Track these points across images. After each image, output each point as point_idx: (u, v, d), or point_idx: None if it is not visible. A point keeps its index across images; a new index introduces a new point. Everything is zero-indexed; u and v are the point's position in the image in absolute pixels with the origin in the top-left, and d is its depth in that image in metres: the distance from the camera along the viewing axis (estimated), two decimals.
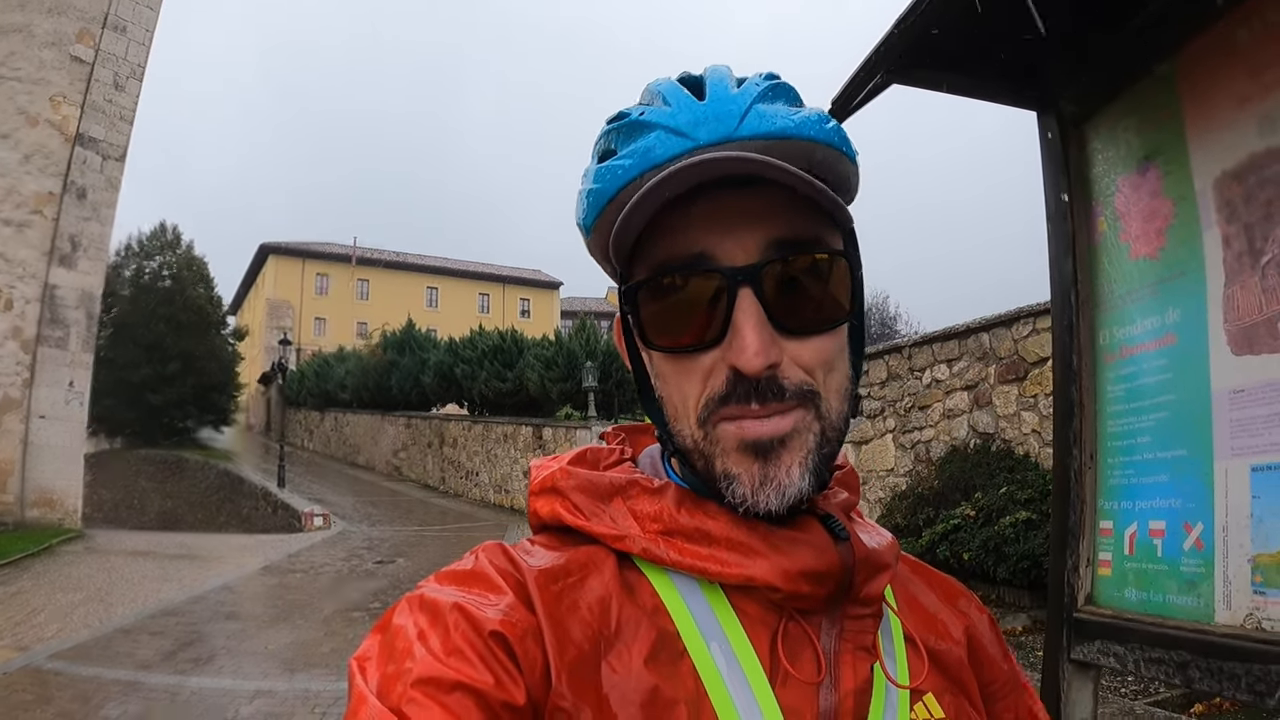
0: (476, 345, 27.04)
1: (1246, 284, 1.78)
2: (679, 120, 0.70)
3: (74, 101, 16.30)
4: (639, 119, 0.72)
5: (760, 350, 0.65)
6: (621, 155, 0.72)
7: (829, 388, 0.69)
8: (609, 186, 0.72)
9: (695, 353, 0.69)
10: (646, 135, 0.71)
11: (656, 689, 0.64)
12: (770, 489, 0.66)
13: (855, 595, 0.71)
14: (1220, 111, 1.87)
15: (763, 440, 0.66)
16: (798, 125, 0.70)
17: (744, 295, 0.66)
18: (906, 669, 0.74)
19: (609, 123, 0.75)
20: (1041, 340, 8.96)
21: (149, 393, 33.72)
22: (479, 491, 23.69)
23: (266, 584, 11.93)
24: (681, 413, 0.71)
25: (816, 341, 0.69)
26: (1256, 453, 1.76)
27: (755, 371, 0.65)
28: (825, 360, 0.69)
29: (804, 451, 0.67)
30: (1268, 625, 1.72)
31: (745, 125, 0.69)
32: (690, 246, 0.68)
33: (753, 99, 0.71)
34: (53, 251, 15.97)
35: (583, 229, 0.77)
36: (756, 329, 0.65)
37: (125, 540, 16.02)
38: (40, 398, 15.86)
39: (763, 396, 0.66)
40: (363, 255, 59.14)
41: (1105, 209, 2.24)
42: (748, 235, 0.67)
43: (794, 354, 0.67)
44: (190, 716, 6.02)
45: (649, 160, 0.69)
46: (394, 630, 0.65)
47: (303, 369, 40.88)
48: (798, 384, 0.67)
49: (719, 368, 0.67)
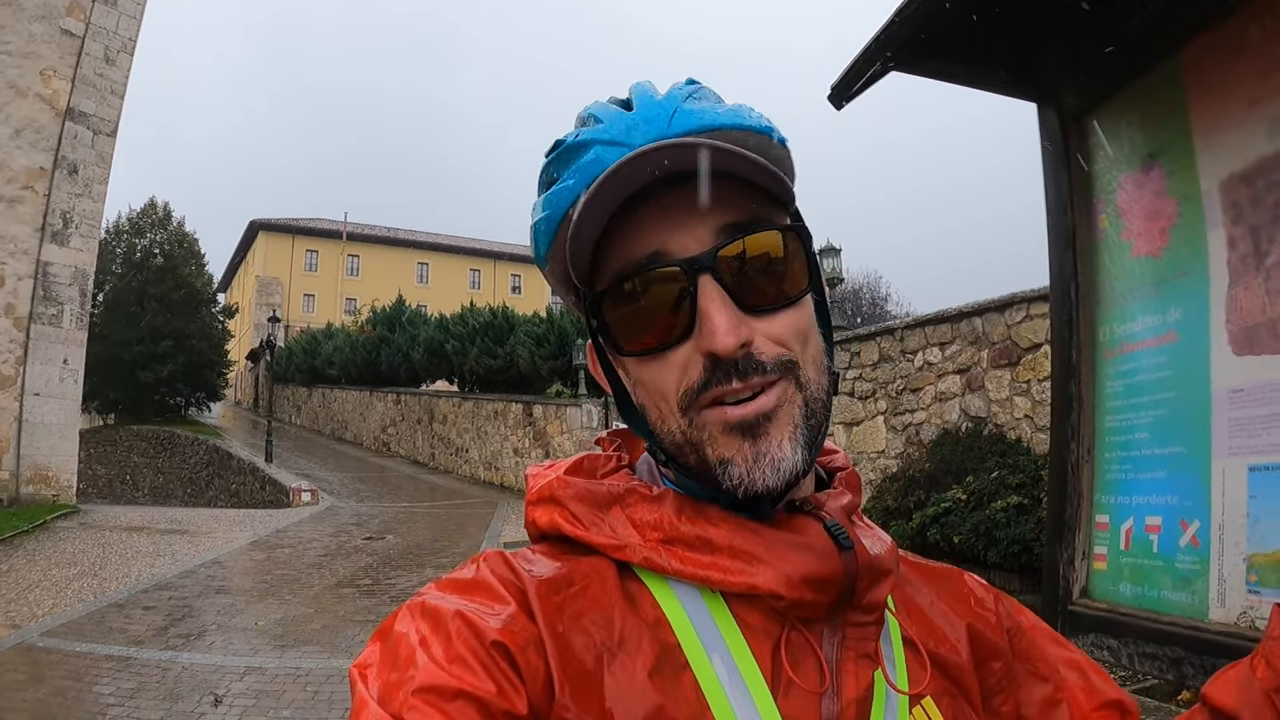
0: (468, 322, 26.95)
1: (1250, 285, 1.79)
2: (613, 132, 0.72)
3: (64, 75, 16.08)
4: (575, 142, 0.74)
5: (730, 329, 0.66)
6: (564, 177, 0.73)
7: (806, 358, 0.70)
8: (557, 209, 0.73)
9: (667, 350, 0.69)
10: (585, 153, 0.72)
11: (659, 703, 0.64)
12: (765, 465, 0.67)
13: (858, 602, 0.71)
14: (1229, 112, 1.86)
15: (748, 419, 0.67)
16: (725, 116, 0.73)
17: (704, 283, 0.67)
18: (906, 675, 0.74)
19: (547, 155, 0.77)
20: (1035, 326, 8.98)
21: (140, 370, 33.77)
22: (469, 468, 23.71)
23: (255, 559, 11.94)
24: (665, 410, 0.71)
25: (785, 316, 0.70)
26: (1254, 453, 1.77)
27: (729, 350, 0.66)
28: (799, 332, 0.70)
29: (791, 425, 0.68)
30: (1261, 624, 1.73)
31: (676, 123, 0.71)
32: (644, 248, 0.69)
33: (679, 101, 0.73)
34: (44, 228, 15.82)
35: (540, 261, 0.78)
36: (723, 310, 0.66)
37: (119, 515, 15.98)
38: (34, 375, 15.77)
39: (743, 374, 0.67)
40: (353, 231, 58.80)
41: (1107, 205, 2.23)
42: (698, 226, 0.69)
43: (765, 330, 0.68)
44: (182, 693, 6.04)
45: (591, 174, 0.70)
46: (395, 637, 0.65)
47: (291, 346, 40.70)
48: (775, 357, 0.68)
49: (693, 360, 0.68)
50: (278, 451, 25.10)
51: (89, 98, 16.53)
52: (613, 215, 0.68)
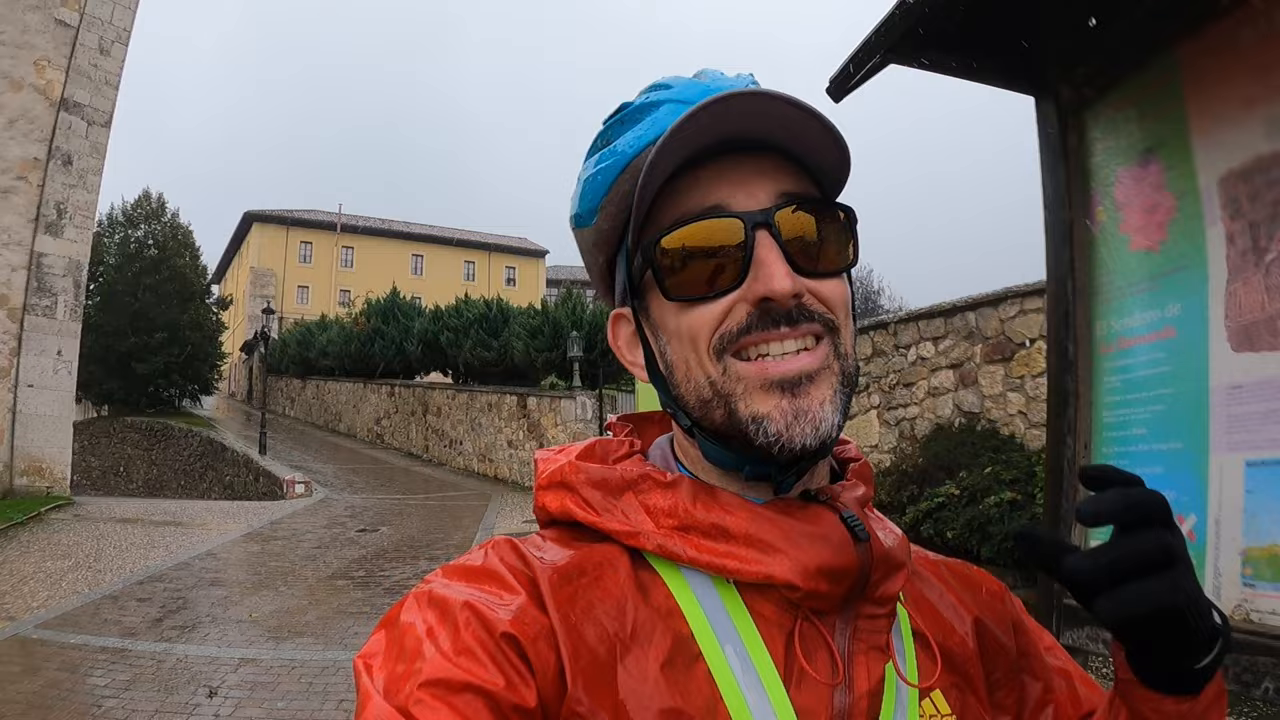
0: (462, 314, 26.94)
1: (1249, 281, 1.79)
2: (686, 94, 0.73)
3: (58, 66, 15.96)
4: (643, 101, 0.75)
5: (788, 274, 0.67)
6: (625, 137, 0.74)
7: (845, 327, 0.72)
8: (622, 157, 0.73)
9: (715, 298, 0.69)
10: (654, 112, 0.73)
11: (673, 695, 0.63)
12: (805, 423, 0.66)
13: (871, 594, 0.71)
14: (1226, 110, 1.86)
15: (789, 376, 0.67)
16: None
17: (761, 236, 0.68)
18: (916, 667, 0.74)
19: (608, 119, 0.77)
20: (1029, 321, 8.98)
21: (134, 361, 33.67)
22: (463, 460, 23.68)
23: (249, 551, 11.90)
24: (694, 361, 0.71)
25: (832, 283, 0.71)
26: (1252, 448, 1.77)
27: (785, 292, 0.66)
28: (843, 301, 0.72)
29: (830, 389, 0.68)
30: (1256, 617, 1.74)
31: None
32: (704, 200, 0.70)
33: (749, 80, 0.75)
34: (38, 219, 15.73)
35: (586, 213, 0.78)
36: (781, 259, 0.67)
37: (113, 507, 15.94)
38: (28, 366, 15.71)
39: (794, 320, 0.68)
40: (348, 223, 58.61)
41: (1105, 199, 2.23)
42: (758, 187, 0.70)
43: (814, 289, 0.69)
44: (177, 685, 6.01)
45: (660, 127, 0.71)
46: (402, 627, 0.64)
47: (285, 337, 40.60)
48: (822, 310, 0.69)
49: (738, 308, 0.68)
50: (272, 443, 25.06)
51: (83, 88, 16.42)
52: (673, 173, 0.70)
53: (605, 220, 0.76)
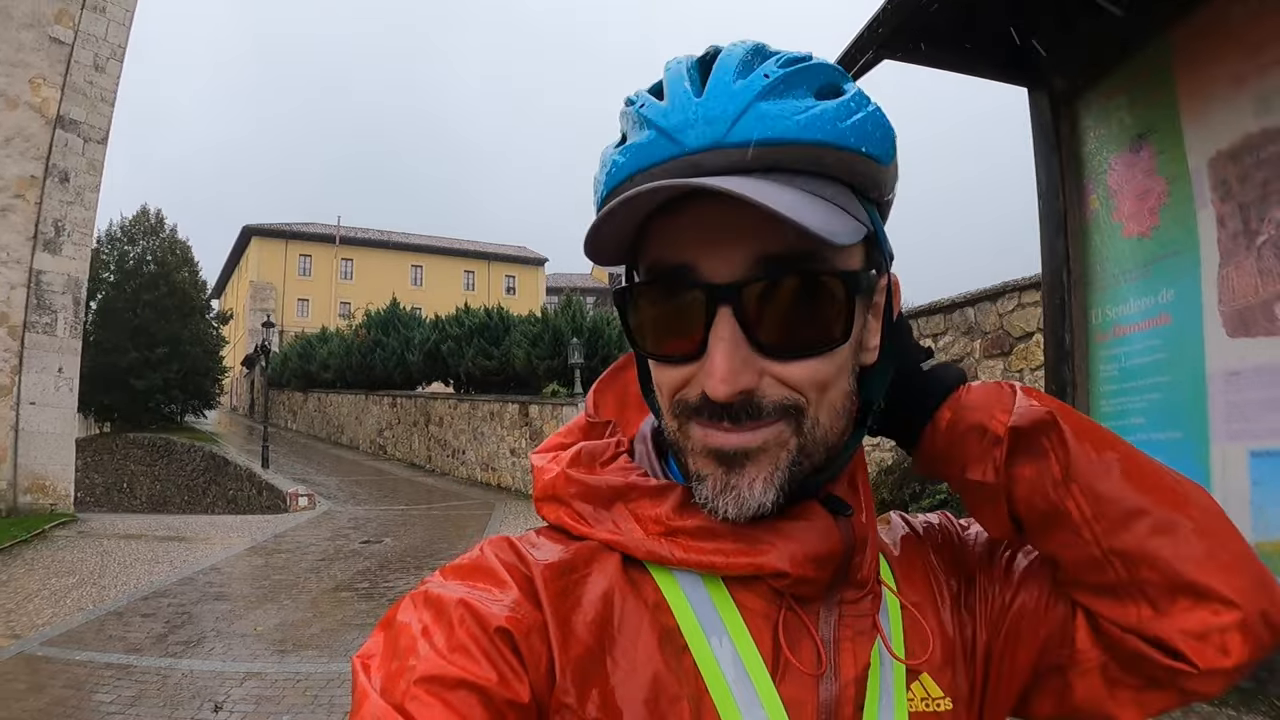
0: (463, 323, 26.95)
1: (1242, 265, 1.77)
2: (671, 121, 0.65)
3: (54, 83, 15.99)
4: (639, 113, 0.68)
5: (727, 377, 0.62)
6: (623, 148, 0.69)
7: (820, 405, 0.66)
8: (607, 181, 0.70)
9: (675, 364, 0.67)
10: (643, 132, 0.67)
11: (660, 685, 0.65)
12: (729, 497, 0.66)
13: (852, 577, 0.72)
14: (1216, 90, 1.84)
15: (725, 450, 0.65)
16: (802, 128, 0.63)
17: (722, 315, 0.63)
18: (904, 647, 0.74)
19: (627, 103, 0.71)
20: (1027, 315, 8.98)
21: (135, 378, 33.74)
22: (466, 470, 23.68)
23: (253, 564, 11.90)
24: (664, 405, 0.71)
25: (804, 364, 0.65)
26: (1255, 437, 1.74)
27: (722, 399, 0.63)
28: (816, 382, 0.65)
29: (771, 467, 0.66)
30: None
31: (738, 129, 0.62)
32: (678, 255, 0.66)
33: (755, 95, 0.63)
34: (36, 237, 15.78)
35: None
36: (728, 354, 0.63)
37: (117, 523, 15.96)
38: (29, 384, 15.75)
39: (735, 418, 0.65)
40: (346, 235, 58.79)
41: (1097, 187, 2.22)
42: (734, 250, 0.63)
43: (779, 374, 0.64)
44: (182, 700, 6.01)
45: (638, 162, 0.66)
46: (398, 627, 0.65)
47: (285, 351, 40.67)
48: (779, 400, 0.65)
49: (694, 382, 0.66)
50: (274, 457, 25.09)
51: (79, 105, 16.46)
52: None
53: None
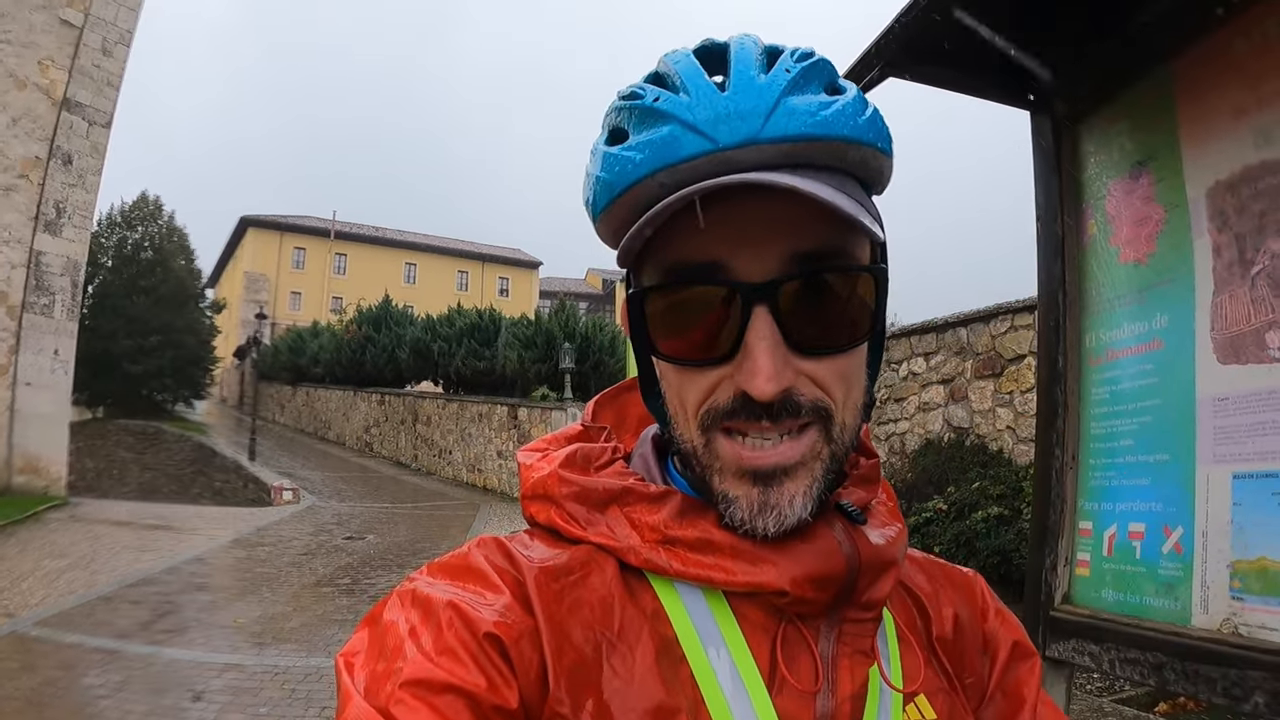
0: (454, 323, 26.89)
1: (1236, 294, 1.80)
2: (698, 115, 0.62)
3: (62, 66, 15.93)
4: (653, 105, 0.64)
5: (773, 375, 0.61)
6: (633, 144, 0.65)
7: (845, 406, 0.66)
8: (618, 180, 0.65)
9: (702, 367, 0.65)
10: (660, 126, 0.63)
11: (657, 697, 0.62)
12: (770, 516, 0.64)
13: (857, 600, 0.69)
14: (1216, 120, 1.87)
15: (763, 469, 0.64)
16: (829, 123, 0.63)
17: (759, 314, 0.62)
18: (901, 671, 0.73)
19: (621, 98, 0.68)
20: (1019, 337, 9.02)
21: (128, 364, 33.46)
22: (452, 470, 23.60)
23: (236, 556, 11.85)
24: (681, 417, 0.68)
25: (835, 361, 0.65)
26: (1240, 460, 1.77)
27: (768, 398, 0.61)
28: (844, 379, 0.66)
29: (809, 480, 0.65)
30: (1244, 631, 1.74)
31: (771, 125, 0.61)
32: (704, 254, 0.63)
33: (782, 90, 0.63)
34: (38, 217, 15.70)
35: (590, 215, 0.71)
36: (770, 352, 0.61)
37: (108, 509, 15.84)
38: (25, 365, 15.65)
39: (776, 416, 0.63)
40: (341, 230, 58.62)
41: (1096, 212, 2.25)
42: (767, 247, 0.62)
43: (810, 372, 0.64)
44: (166, 687, 6.02)
45: (663, 158, 0.62)
46: (384, 626, 0.63)
47: (276, 343, 40.49)
48: (813, 401, 0.64)
49: (726, 385, 0.64)
50: (261, 450, 24.99)
51: (85, 88, 16.41)
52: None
53: (607, 229, 0.70)
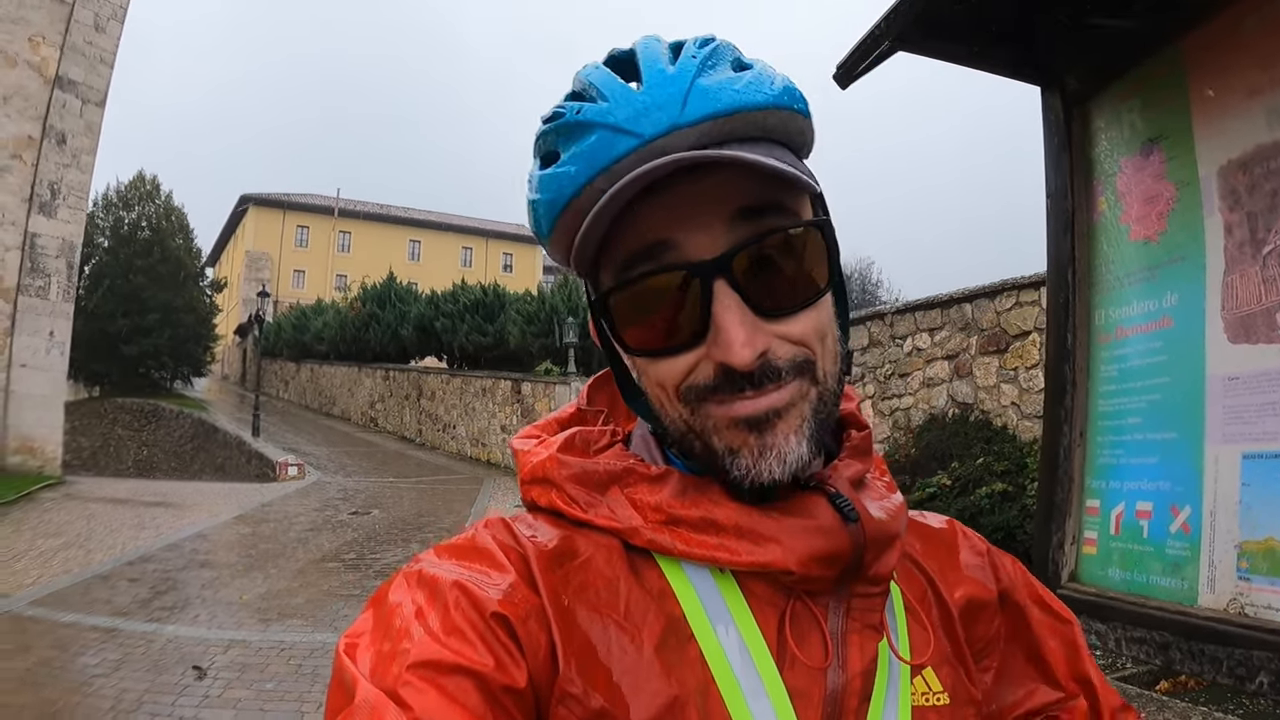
0: (458, 299, 26.91)
1: (1247, 273, 1.78)
2: (619, 116, 0.66)
3: (53, 43, 15.85)
4: (576, 119, 0.67)
5: (747, 341, 0.62)
6: (565, 160, 0.68)
7: (824, 354, 0.68)
8: (558, 197, 0.68)
9: (675, 354, 0.66)
10: (587, 136, 0.66)
11: (666, 677, 0.63)
12: (772, 458, 0.64)
13: (864, 574, 0.70)
14: (1229, 99, 1.85)
15: (757, 414, 0.64)
16: (744, 93, 0.66)
17: (719, 288, 0.63)
18: (909, 644, 0.74)
19: (545, 122, 0.71)
20: (1024, 313, 8.99)
21: (125, 344, 33.56)
22: (456, 444, 23.69)
23: (240, 533, 11.90)
24: (665, 401, 0.69)
25: (804, 316, 0.66)
26: (1249, 440, 1.76)
27: (746, 365, 0.63)
28: (817, 331, 0.67)
29: (800, 420, 0.65)
30: (1251, 611, 1.73)
31: (690, 108, 0.65)
32: (649, 233, 0.65)
33: (692, 75, 0.66)
34: (32, 199, 15.70)
35: (539, 239, 0.74)
36: (740, 321, 0.63)
37: (104, 487, 15.95)
38: (21, 346, 15.73)
39: (758, 383, 0.64)
40: (345, 207, 58.57)
41: (1106, 189, 2.22)
42: (711, 218, 0.64)
43: (783, 332, 0.65)
44: (166, 664, 6.02)
45: (595, 165, 0.65)
46: (390, 607, 0.63)
47: (279, 321, 40.52)
48: (791, 358, 0.65)
49: (703, 363, 0.65)
50: (265, 426, 25.03)
51: (78, 66, 16.32)
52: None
53: (558, 248, 0.72)
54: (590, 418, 0.83)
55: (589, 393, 0.86)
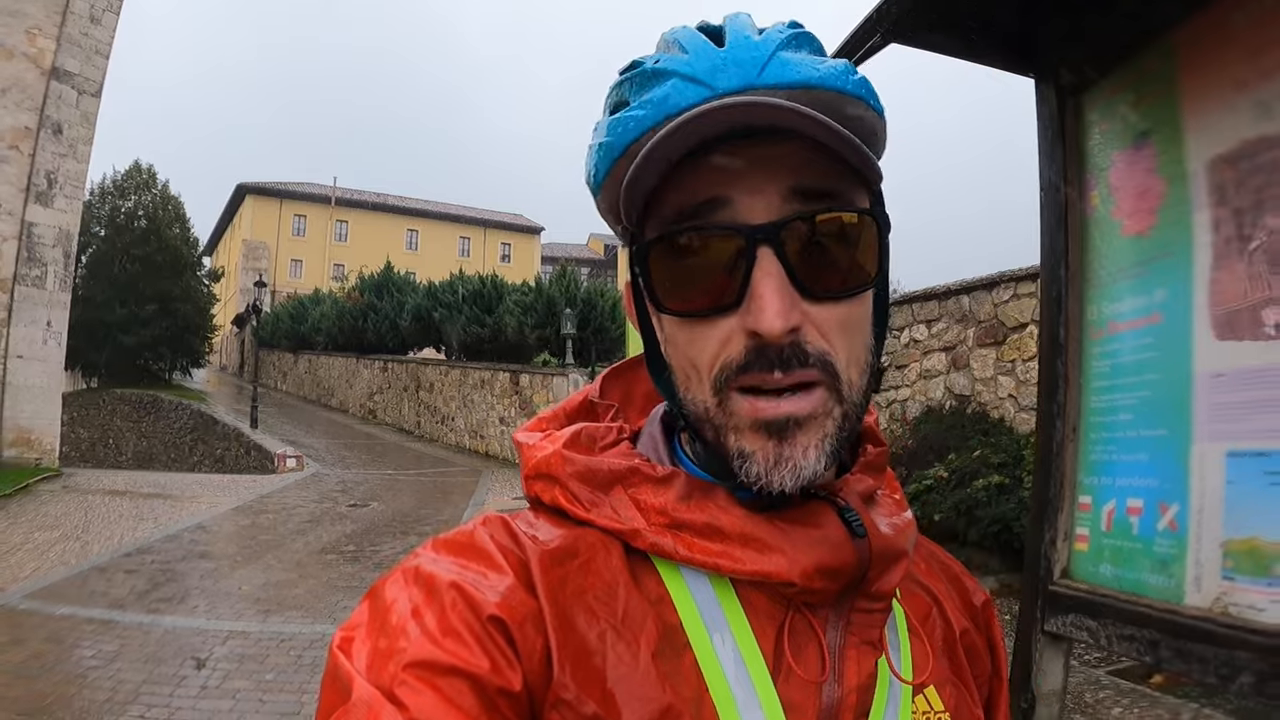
0: (456, 289, 26.91)
1: (1233, 269, 1.78)
2: (696, 68, 0.65)
3: (50, 34, 15.80)
4: (653, 68, 0.67)
5: (781, 311, 0.60)
6: (634, 106, 0.67)
7: (849, 359, 0.65)
8: (620, 140, 0.67)
9: (710, 317, 0.64)
10: (661, 84, 0.66)
11: (661, 685, 0.62)
12: (785, 469, 0.63)
13: (867, 590, 0.69)
14: (1218, 92, 1.84)
15: (777, 419, 0.62)
16: (824, 76, 0.66)
17: (764, 255, 0.61)
18: (910, 663, 0.73)
19: (621, 73, 0.70)
20: (1022, 305, 8.99)
21: (124, 334, 33.55)
22: (454, 436, 23.73)
23: (239, 524, 11.93)
24: (694, 380, 0.66)
25: (841, 307, 0.64)
26: (1233, 438, 1.76)
27: (777, 334, 0.61)
28: (847, 327, 0.65)
29: (821, 434, 0.63)
30: (1234, 611, 1.73)
31: (768, 73, 0.64)
32: (703, 191, 0.63)
33: (776, 46, 0.66)
34: (29, 189, 15.67)
35: (592, 187, 0.73)
36: (778, 290, 0.61)
37: (102, 479, 15.95)
38: (17, 337, 15.71)
39: (786, 364, 0.62)
40: (342, 196, 58.44)
41: (1099, 183, 2.22)
42: (767, 185, 0.63)
43: (815, 318, 0.63)
44: (164, 656, 6.04)
45: (664, 110, 0.64)
46: (386, 603, 0.63)
47: (277, 311, 40.51)
48: (819, 352, 0.63)
49: (736, 335, 0.63)
50: (263, 417, 25.07)
51: (74, 57, 16.27)
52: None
53: (609, 196, 0.71)
54: (601, 411, 0.82)
55: (603, 384, 0.86)
